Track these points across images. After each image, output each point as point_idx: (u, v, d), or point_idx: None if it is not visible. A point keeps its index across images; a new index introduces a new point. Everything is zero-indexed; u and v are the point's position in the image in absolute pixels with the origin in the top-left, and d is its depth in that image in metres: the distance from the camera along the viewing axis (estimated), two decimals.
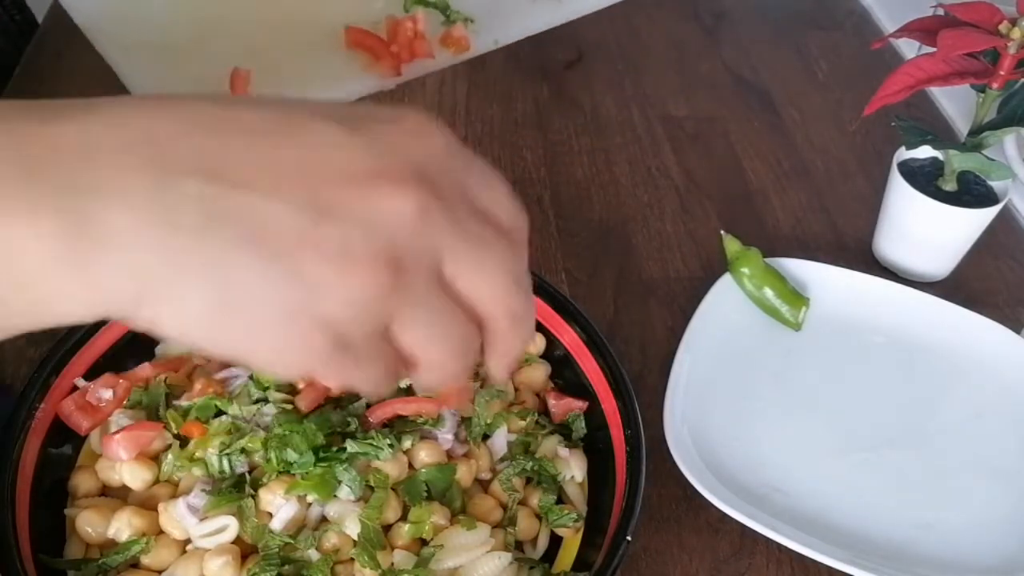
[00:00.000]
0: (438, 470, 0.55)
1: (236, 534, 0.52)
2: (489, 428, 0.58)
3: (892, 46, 1.09)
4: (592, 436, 0.61)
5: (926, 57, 0.68)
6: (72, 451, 0.57)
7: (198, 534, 0.52)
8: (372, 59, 0.96)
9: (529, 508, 0.57)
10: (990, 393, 0.71)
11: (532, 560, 0.56)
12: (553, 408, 0.62)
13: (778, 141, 0.96)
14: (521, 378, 0.63)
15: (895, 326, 0.75)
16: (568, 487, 0.59)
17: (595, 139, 0.94)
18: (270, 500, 0.52)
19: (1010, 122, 0.72)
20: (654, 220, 0.85)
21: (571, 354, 0.64)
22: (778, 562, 0.61)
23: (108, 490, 0.56)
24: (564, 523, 0.57)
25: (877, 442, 0.67)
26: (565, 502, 0.59)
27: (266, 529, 0.52)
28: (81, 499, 0.55)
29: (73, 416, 0.57)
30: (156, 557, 0.51)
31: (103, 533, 0.52)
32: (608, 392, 0.60)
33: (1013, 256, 0.85)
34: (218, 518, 0.52)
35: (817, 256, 0.80)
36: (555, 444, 0.60)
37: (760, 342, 0.73)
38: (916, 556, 0.61)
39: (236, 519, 0.52)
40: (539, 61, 1.05)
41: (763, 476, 0.64)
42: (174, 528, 0.52)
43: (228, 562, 0.50)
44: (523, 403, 0.62)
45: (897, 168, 0.77)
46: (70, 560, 0.52)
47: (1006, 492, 0.65)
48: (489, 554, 0.53)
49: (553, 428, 0.62)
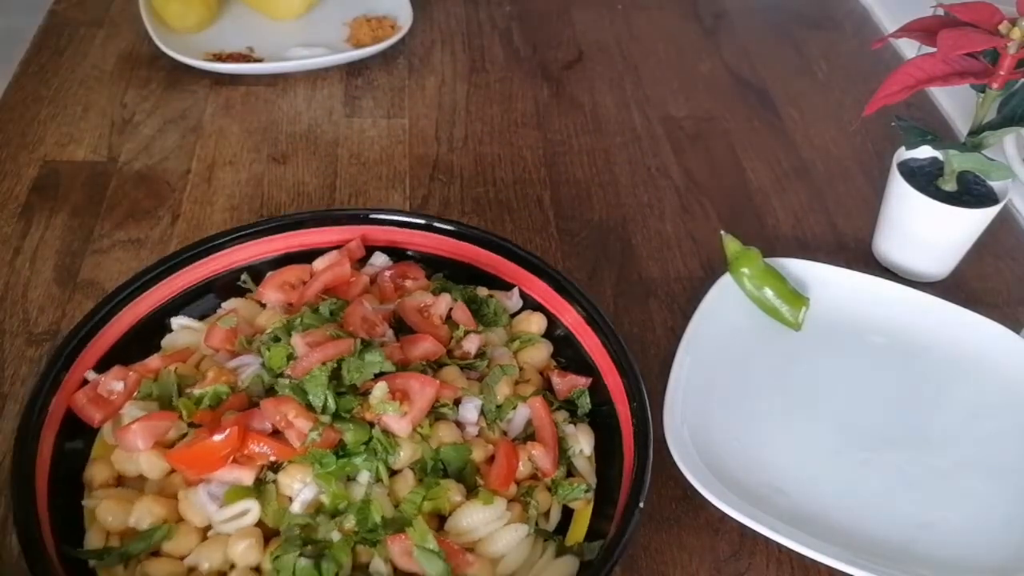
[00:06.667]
0: (454, 449, 0.56)
1: (258, 517, 0.53)
2: (502, 410, 0.60)
3: (892, 46, 1.09)
4: (597, 411, 0.62)
5: (926, 57, 0.68)
6: (83, 445, 0.58)
7: (220, 519, 0.53)
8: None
9: (541, 483, 0.59)
10: (990, 393, 0.71)
11: (546, 532, 0.57)
12: (557, 386, 0.63)
13: (778, 141, 0.96)
14: (524, 358, 0.64)
15: (895, 326, 0.75)
16: (577, 461, 0.60)
17: (595, 139, 0.94)
18: (289, 484, 0.53)
19: (1010, 122, 0.72)
20: (654, 220, 0.85)
21: (573, 333, 0.65)
22: (778, 562, 0.61)
23: (124, 480, 0.56)
24: (575, 495, 0.58)
25: (877, 442, 0.67)
26: (574, 475, 0.60)
27: (287, 512, 0.53)
28: (98, 490, 0.55)
29: (86, 409, 0.57)
30: (178, 543, 0.52)
31: (124, 522, 0.53)
32: (611, 367, 0.61)
33: (1013, 256, 0.85)
34: (240, 502, 0.53)
35: (817, 256, 0.80)
36: (561, 420, 0.61)
37: (760, 342, 0.73)
38: (916, 556, 0.61)
39: (258, 503, 0.53)
40: (539, 61, 1.05)
41: (763, 476, 0.64)
42: (195, 515, 0.53)
43: (252, 544, 0.51)
44: (528, 381, 0.63)
45: (897, 168, 0.77)
46: (92, 550, 0.53)
47: (1006, 492, 0.65)
48: (508, 527, 0.55)
49: (559, 405, 0.63)
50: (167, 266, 0.65)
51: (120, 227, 0.79)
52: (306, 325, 0.59)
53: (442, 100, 0.97)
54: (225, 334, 0.61)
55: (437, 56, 1.04)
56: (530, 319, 0.67)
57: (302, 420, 0.53)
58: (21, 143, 0.87)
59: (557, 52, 1.06)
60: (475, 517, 0.54)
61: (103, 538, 0.54)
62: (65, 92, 0.93)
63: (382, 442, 0.54)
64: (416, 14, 1.05)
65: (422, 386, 0.56)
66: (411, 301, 0.64)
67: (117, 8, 1.05)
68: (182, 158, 0.87)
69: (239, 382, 0.57)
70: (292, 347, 0.57)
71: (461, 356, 0.62)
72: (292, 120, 0.93)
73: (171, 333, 0.65)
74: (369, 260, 0.70)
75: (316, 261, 0.68)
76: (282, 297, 0.66)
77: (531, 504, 0.57)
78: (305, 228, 0.69)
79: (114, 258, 0.76)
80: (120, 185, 0.83)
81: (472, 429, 0.58)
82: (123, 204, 0.81)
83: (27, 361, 0.68)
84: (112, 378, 0.58)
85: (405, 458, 0.55)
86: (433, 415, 0.57)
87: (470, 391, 0.59)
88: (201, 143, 0.89)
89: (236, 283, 0.68)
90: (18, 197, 0.81)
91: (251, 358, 0.59)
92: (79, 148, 0.87)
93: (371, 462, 0.54)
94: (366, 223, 0.70)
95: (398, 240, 0.70)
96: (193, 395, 0.56)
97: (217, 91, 0.95)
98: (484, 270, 0.69)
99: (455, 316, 0.64)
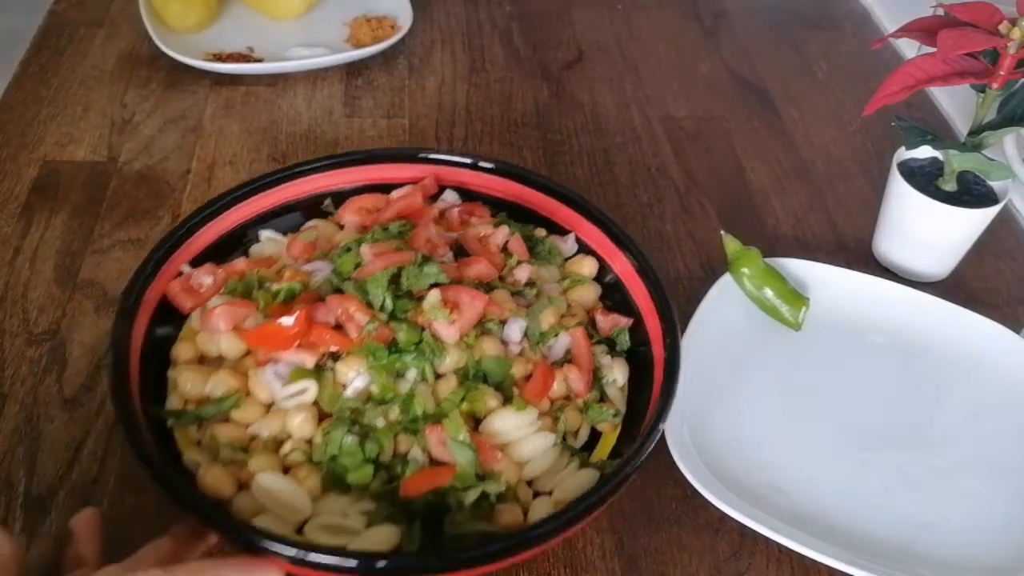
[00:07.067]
0: (496, 362, 0.61)
1: (315, 396, 0.58)
2: (544, 336, 0.64)
3: (892, 46, 1.09)
4: (635, 351, 0.66)
5: (926, 57, 0.68)
6: (173, 331, 0.65)
7: (282, 395, 0.59)
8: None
9: (573, 403, 0.63)
10: (990, 393, 0.71)
11: (572, 448, 0.62)
12: (601, 323, 0.68)
13: (778, 141, 0.96)
14: (572, 296, 0.69)
15: (895, 326, 0.75)
16: (609, 389, 0.64)
17: (595, 139, 0.94)
18: (345, 372, 0.59)
19: (1010, 122, 0.72)
20: (654, 220, 0.85)
21: (621, 279, 0.69)
22: (778, 562, 0.61)
23: (204, 360, 0.63)
24: (604, 418, 0.62)
25: (877, 442, 0.67)
26: (605, 402, 0.64)
27: (341, 397, 0.58)
28: (181, 364, 0.62)
29: (179, 296, 0.65)
30: (244, 413, 0.59)
31: (200, 390, 0.60)
32: (653, 313, 0.65)
33: (1013, 256, 0.85)
34: (301, 382, 0.59)
35: (817, 256, 0.80)
36: (600, 352, 0.65)
37: (760, 342, 0.73)
38: (916, 556, 0.61)
39: (316, 384, 0.58)
40: (539, 61, 1.05)
41: (763, 476, 0.64)
42: (261, 390, 0.59)
43: (307, 418, 0.57)
44: (573, 316, 0.67)
45: (897, 168, 0.77)
46: (172, 410, 0.60)
47: (1006, 492, 0.65)
48: (537, 434, 0.59)
49: (600, 339, 0.67)
50: (262, 183, 0.71)
51: (120, 227, 0.79)
52: (376, 239, 0.65)
53: (442, 100, 0.97)
54: (304, 246, 0.68)
55: (437, 56, 1.04)
56: (582, 262, 0.71)
57: (361, 314, 0.60)
58: (21, 143, 0.87)
59: (557, 52, 1.06)
60: (507, 421, 0.59)
61: (181, 403, 0.61)
62: (65, 92, 0.93)
63: (431, 345, 0.60)
64: (416, 14, 1.05)
65: (472, 299, 0.61)
66: (472, 231, 0.70)
67: (117, 8, 1.05)
68: (182, 158, 0.87)
69: (311, 282, 0.64)
70: (360, 256, 0.64)
71: (512, 283, 0.67)
72: (292, 120, 0.93)
73: (258, 243, 0.72)
74: (440, 196, 0.75)
75: (392, 193, 0.74)
76: (358, 220, 0.72)
77: (561, 419, 0.61)
78: (384, 163, 0.75)
79: (114, 258, 0.76)
80: (120, 185, 0.83)
81: (515, 348, 0.62)
82: (123, 204, 0.81)
83: (27, 361, 0.68)
84: (203, 272, 0.66)
85: (450, 363, 0.60)
86: (480, 328, 0.62)
87: (516, 313, 0.63)
88: (201, 143, 0.89)
89: (319, 206, 0.74)
90: (18, 197, 0.81)
91: (324, 264, 0.65)
92: (79, 148, 0.87)
93: (419, 361, 0.59)
94: (440, 164, 0.76)
95: (467, 182, 0.75)
96: (270, 289, 0.63)
97: (217, 91, 0.95)
98: (544, 215, 0.74)
99: (511, 247, 0.69)
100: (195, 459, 0.57)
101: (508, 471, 0.57)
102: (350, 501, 0.56)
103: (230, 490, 0.55)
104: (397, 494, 0.56)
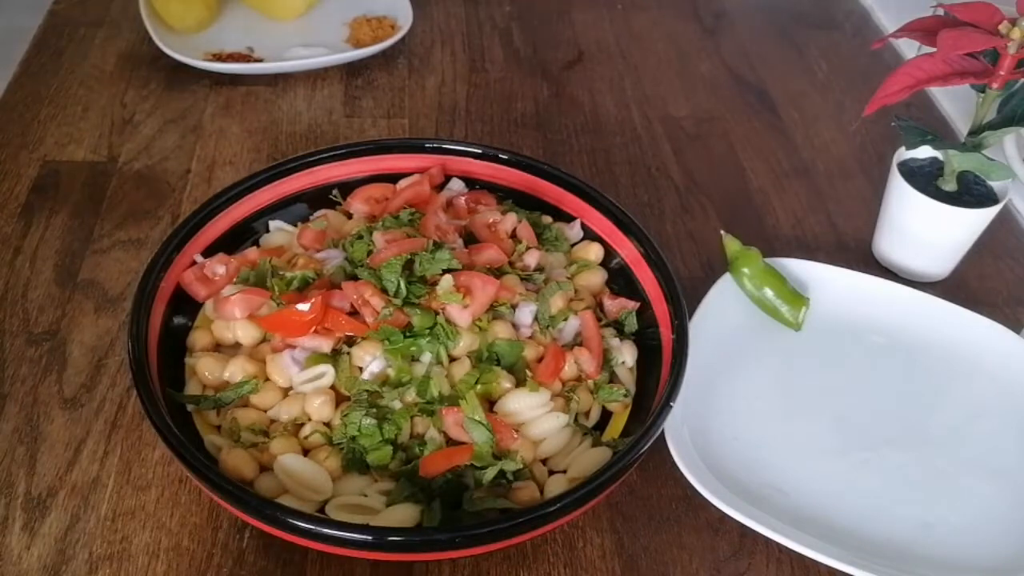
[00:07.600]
0: (508, 345, 0.63)
1: (332, 381, 0.60)
2: (554, 319, 0.66)
3: (892, 46, 1.09)
4: (643, 333, 0.68)
5: (926, 57, 0.68)
6: (187, 320, 0.66)
7: (300, 380, 0.61)
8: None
9: (584, 384, 0.65)
10: (990, 393, 0.71)
11: (585, 427, 0.63)
12: (608, 307, 0.69)
13: (778, 141, 0.96)
14: (580, 281, 0.70)
15: (895, 326, 0.75)
16: (619, 370, 0.66)
17: (595, 139, 0.94)
18: (361, 356, 0.61)
19: (1010, 122, 0.72)
20: (654, 220, 0.85)
21: (628, 265, 0.71)
22: (778, 562, 0.61)
23: (220, 348, 0.65)
24: (615, 398, 0.64)
25: (877, 442, 0.67)
26: (615, 383, 0.65)
27: (358, 380, 0.60)
28: (198, 352, 0.64)
29: (193, 285, 0.67)
30: (263, 397, 0.61)
31: (219, 376, 0.62)
32: (660, 297, 0.67)
33: (1013, 256, 0.85)
34: (318, 366, 0.60)
35: (817, 256, 0.80)
36: (608, 334, 0.67)
37: (760, 342, 0.73)
38: (916, 556, 0.61)
39: (333, 368, 0.60)
40: (539, 61, 1.05)
41: (763, 476, 0.64)
42: (279, 375, 0.61)
43: (326, 401, 0.59)
44: (581, 300, 0.69)
45: (897, 168, 0.77)
46: (191, 396, 0.62)
47: (1006, 492, 0.65)
48: (550, 414, 0.61)
49: (608, 322, 0.69)
50: (271, 174, 0.73)
51: (120, 227, 0.79)
52: (387, 227, 0.67)
53: (442, 100, 0.97)
54: (315, 235, 0.70)
55: (437, 56, 1.04)
56: (588, 248, 0.73)
57: (377, 299, 0.61)
58: (21, 143, 0.87)
59: (557, 52, 1.06)
60: (521, 402, 0.61)
61: (200, 390, 0.62)
62: (65, 92, 0.93)
63: (444, 329, 0.61)
64: (416, 14, 1.05)
65: (484, 284, 0.63)
66: (481, 218, 0.71)
67: (117, 8, 1.05)
68: (182, 158, 0.87)
69: (324, 270, 0.66)
70: (372, 243, 0.66)
71: (522, 268, 0.69)
72: (292, 120, 0.93)
73: (268, 233, 0.73)
74: (447, 185, 0.76)
75: (400, 182, 0.75)
76: (367, 209, 0.74)
77: (573, 399, 0.63)
78: (391, 153, 0.77)
79: (114, 258, 0.76)
80: (120, 185, 0.83)
81: (526, 331, 0.64)
82: (123, 204, 0.81)
83: (27, 361, 0.68)
84: (216, 262, 0.67)
85: (464, 346, 0.62)
86: (492, 313, 0.64)
87: (527, 297, 0.65)
88: (201, 143, 0.89)
89: (327, 196, 0.75)
90: (18, 197, 0.81)
91: (336, 252, 0.67)
92: (79, 148, 0.87)
93: (433, 345, 0.61)
94: (446, 153, 0.77)
95: (474, 171, 0.77)
96: (284, 276, 0.65)
97: (217, 91, 0.95)
98: (550, 203, 0.76)
99: (519, 233, 0.71)
100: (216, 442, 0.59)
101: (524, 450, 0.59)
102: (369, 481, 0.58)
103: (252, 472, 0.57)
104: (416, 474, 0.57)
